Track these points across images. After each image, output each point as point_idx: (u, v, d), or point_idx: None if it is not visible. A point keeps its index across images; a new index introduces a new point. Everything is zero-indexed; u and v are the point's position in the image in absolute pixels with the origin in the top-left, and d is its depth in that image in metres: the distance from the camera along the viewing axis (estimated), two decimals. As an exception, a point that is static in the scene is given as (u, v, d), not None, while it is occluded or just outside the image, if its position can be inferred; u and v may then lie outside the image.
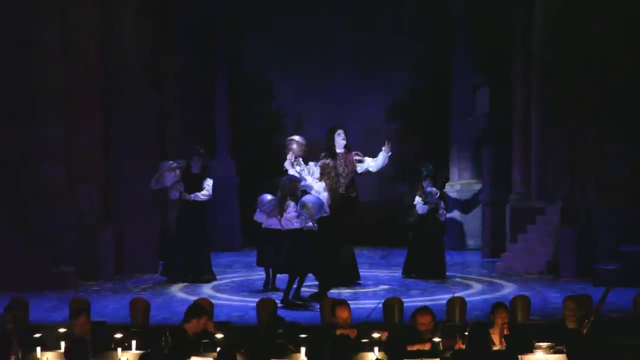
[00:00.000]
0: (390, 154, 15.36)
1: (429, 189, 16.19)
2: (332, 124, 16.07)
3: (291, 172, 14.61)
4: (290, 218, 13.75)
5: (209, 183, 15.65)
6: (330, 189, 14.45)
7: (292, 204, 13.74)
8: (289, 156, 14.84)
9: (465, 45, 21.21)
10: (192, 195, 15.51)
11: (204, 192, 15.58)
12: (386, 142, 15.39)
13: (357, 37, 21.90)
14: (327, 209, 14.32)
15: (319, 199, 14.03)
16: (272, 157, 18.75)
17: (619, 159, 16.05)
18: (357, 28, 21.91)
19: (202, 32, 21.08)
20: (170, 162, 15.52)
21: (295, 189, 13.98)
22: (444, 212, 16.49)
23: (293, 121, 22.10)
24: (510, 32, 19.02)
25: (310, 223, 13.87)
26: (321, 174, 14.60)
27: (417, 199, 16.31)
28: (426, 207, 16.20)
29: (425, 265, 16.04)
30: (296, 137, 15.13)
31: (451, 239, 19.93)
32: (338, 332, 9.71)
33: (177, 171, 15.41)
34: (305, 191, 14.31)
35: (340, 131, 15.38)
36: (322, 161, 14.70)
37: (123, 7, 17.28)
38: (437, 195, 16.20)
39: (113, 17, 17.04)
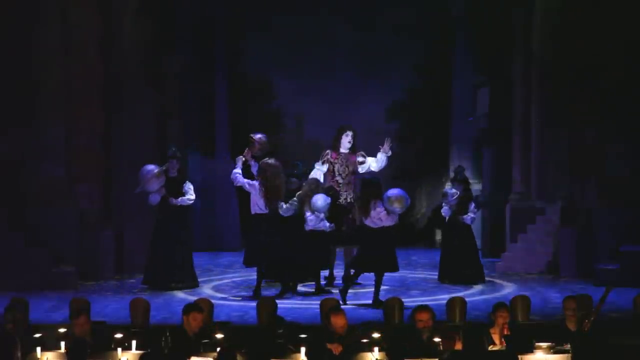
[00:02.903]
0: (389, 154, 15.24)
1: (445, 189, 16.04)
2: (341, 124, 15.97)
3: (237, 169, 14.61)
4: (383, 217, 13.69)
5: (190, 187, 15.15)
6: (265, 187, 14.35)
7: (379, 202, 13.70)
8: (245, 152, 14.86)
9: (465, 45, 21.21)
10: (179, 200, 15.00)
11: (189, 196, 15.09)
12: (386, 139, 15.23)
13: (357, 37, 21.90)
14: (263, 208, 14.37)
15: (400, 189, 13.94)
16: (272, 157, 18.74)
17: (619, 159, 16.05)
18: (357, 28, 21.91)
19: (202, 32, 21.08)
20: (155, 169, 14.89)
21: (379, 189, 13.91)
22: (471, 214, 15.82)
23: (293, 121, 22.11)
24: (510, 32, 19.01)
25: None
26: (257, 172, 14.54)
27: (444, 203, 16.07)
28: (449, 210, 15.83)
29: (459, 269, 15.64)
30: (259, 135, 15.11)
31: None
32: (328, 346, 9.66)
33: (162, 176, 14.87)
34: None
35: (348, 132, 15.34)
36: (263, 160, 14.63)
37: (123, 7, 17.28)
38: (455, 196, 15.86)
39: (113, 17, 17.05)
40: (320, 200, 14.34)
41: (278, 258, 14.47)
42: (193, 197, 15.20)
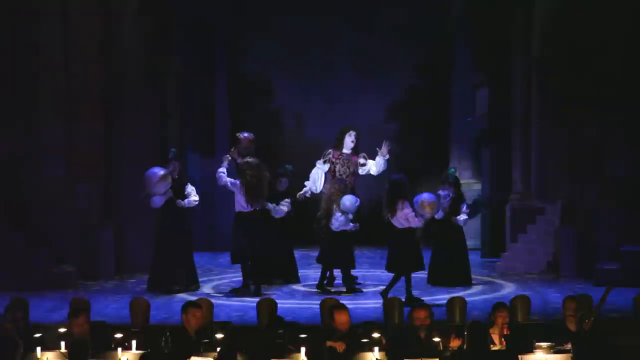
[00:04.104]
0: (387, 157, 15.21)
1: (438, 192, 16.02)
2: (345, 124, 16.03)
3: (221, 168, 14.74)
4: (410, 217, 13.78)
5: (192, 188, 15.01)
6: (247, 187, 14.45)
7: (407, 203, 13.78)
8: (231, 151, 14.94)
9: (465, 45, 21.21)
10: (186, 202, 14.85)
11: (194, 197, 14.96)
12: (384, 143, 15.24)
13: (357, 37, 21.90)
14: (246, 206, 14.54)
15: (433, 195, 14.18)
16: (272, 157, 18.75)
17: (619, 159, 16.06)
18: (357, 28, 21.91)
19: (202, 32, 21.09)
20: (161, 171, 14.60)
21: (406, 190, 14.03)
22: (464, 215, 15.65)
23: (293, 121, 22.11)
24: (510, 32, 19.01)
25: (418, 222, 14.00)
26: (239, 171, 14.60)
27: None
28: (441, 212, 15.48)
29: (449, 271, 15.50)
30: (245, 134, 15.13)
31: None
32: (328, 344, 9.68)
33: (169, 179, 14.63)
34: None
35: (352, 132, 15.35)
36: (244, 159, 14.67)
37: (123, 7, 17.28)
38: (447, 198, 15.78)
39: (113, 17, 17.05)
40: (349, 200, 14.46)
41: (260, 257, 14.66)
42: (197, 198, 15.11)
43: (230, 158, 14.89)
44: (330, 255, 14.68)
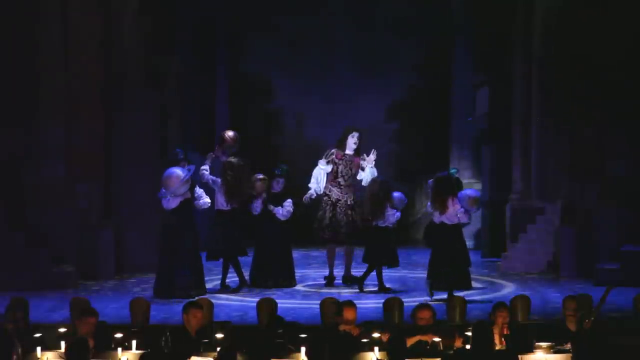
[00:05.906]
0: (372, 165, 15.11)
1: None
2: (348, 125, 15.99)
3: (204, 166, 14.82)
4: (460, 214, 13.96)
5: (202, 190, 14.66)
6: (227, 186, 14.59)
7: (456, 200, 13.97)
8: (215, 149, 15.02)
9: (465, 45, 21.22)
10: (202, 203, 14.45)
11: (207, 199, 14.58)
12: (372, 151, 15.10)
13: (357, 37, 21.92)
14: (226, 205, 14.68)
15: (476, 190, 14.62)
16: (273, 156, 18.77)
17: (619, 159, 16.06)
18: (357, 28, 21.93)
19: (202, 32, 21.10)
20: (183, 172, 14.15)
21: (454, 186, 14.28)
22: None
23: (293, 121, 22.13)
24: (510, 31, 19.02)
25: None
26: (220, 170, 14.71)
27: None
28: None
29: (448, 274, 15.42)
30: (230, 133, 15.12)
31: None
32: (342, 327, 9.74)
33: (190, 180, 14.29)
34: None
35: (355, 133, 15.31)
36: (227, 159, 14.72)
37: (123, 7, 17.27)
38: None
39: (113, 17, 17.05)
40: (399, 197, 14.80)
41: (238, 254, 14.83)
42: (209, 199, 14.73)
43: (214, 156, 14.96)
44: (375, 252, 14.75)
